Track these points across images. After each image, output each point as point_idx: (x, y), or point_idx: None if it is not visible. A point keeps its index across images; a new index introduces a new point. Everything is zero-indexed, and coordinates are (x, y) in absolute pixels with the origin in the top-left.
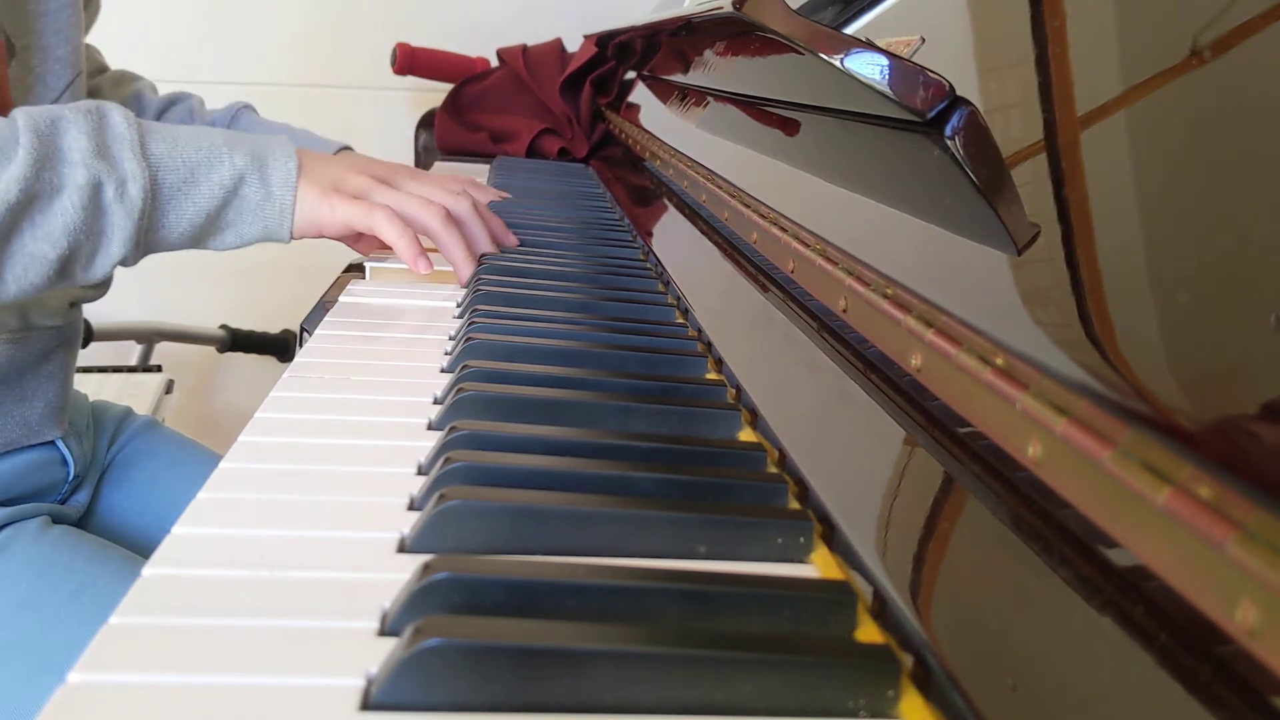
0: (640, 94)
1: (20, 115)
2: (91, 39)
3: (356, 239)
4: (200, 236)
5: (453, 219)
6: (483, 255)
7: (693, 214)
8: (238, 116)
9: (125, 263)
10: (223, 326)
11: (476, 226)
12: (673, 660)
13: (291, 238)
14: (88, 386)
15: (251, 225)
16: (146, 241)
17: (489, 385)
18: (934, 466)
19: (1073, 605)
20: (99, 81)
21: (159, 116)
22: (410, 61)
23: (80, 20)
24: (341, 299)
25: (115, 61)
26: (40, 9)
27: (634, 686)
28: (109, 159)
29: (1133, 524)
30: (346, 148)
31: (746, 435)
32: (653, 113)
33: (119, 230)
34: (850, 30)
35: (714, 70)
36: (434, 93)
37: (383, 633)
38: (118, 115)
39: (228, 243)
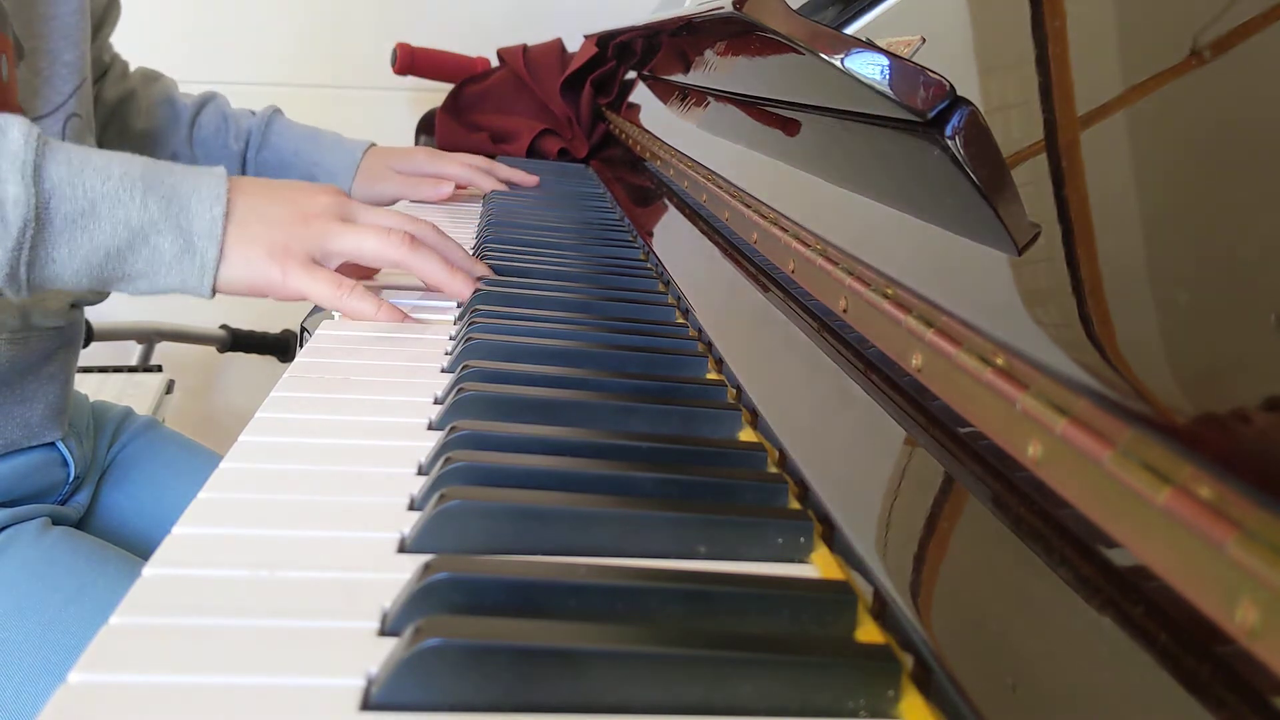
0: (640, 94)
1: None
2: None
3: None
4: (104, 278)
5: (418, 242)
6: (484, 257)
7: (693, 214)
8: (271, 123)
9: (8, 294)
10: (223, 326)
11: (446, 245)
12: (673, 660)
13: (215, 294)
14: (88, 386)
15: (166, 277)
16: (32, 276)
17: (489, 385)
18: (934, 466)
19: (1073, 605)
20: (132, 84)
21: (193, 119)
22: (410, 61)
23: (87, 25)
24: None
25: None
26: (49, 12)
27: (634, 686)
28: None
29: (1133, 524)
30: (374, 145)
31: (747, 435)
32: (653, 113)
33: None
34: (850, 30)
35: (714, 70)
36: (434, 93)
37: (383, 633)
38: (16, 131)
39: (140, 289)
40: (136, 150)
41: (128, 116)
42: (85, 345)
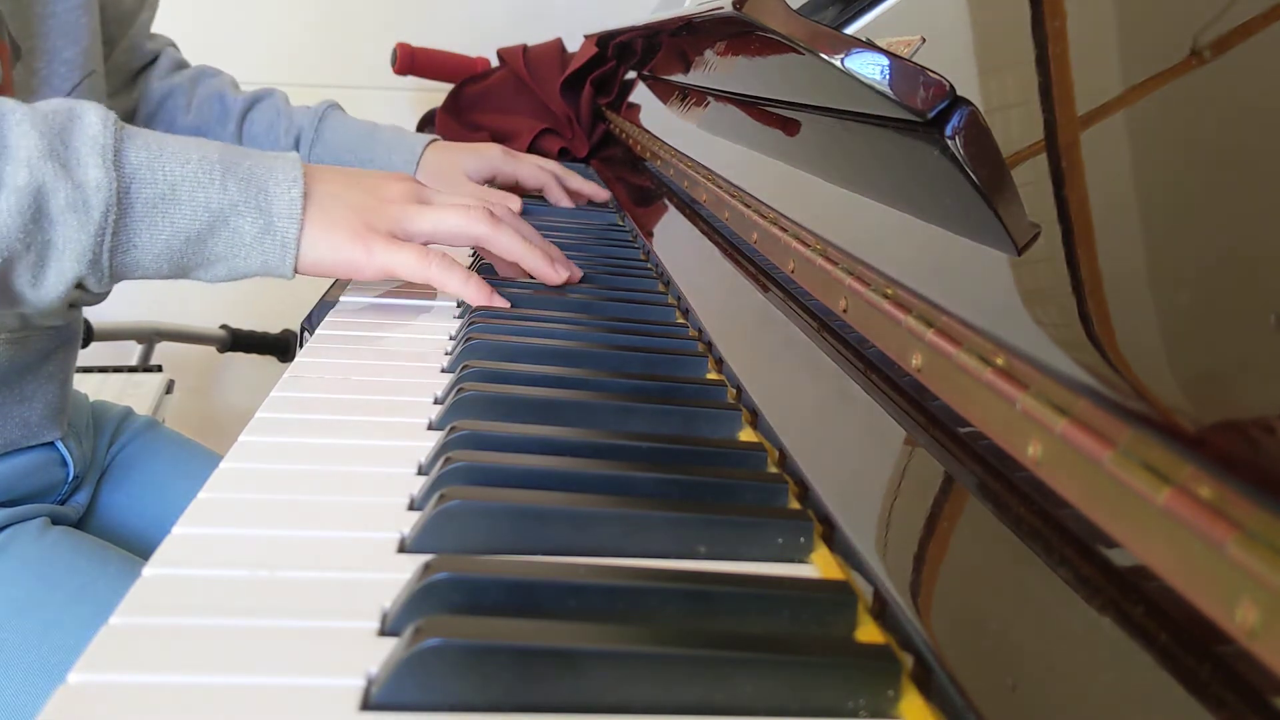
0: (641, 94)
1: None
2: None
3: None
4: (185, 265)
5: (498, 219)
6: (480, 256)
7: (693, 214)
8: (325, 117)
9: (87, 286)
10: (223, 326)
11: (520, 223)
12: (673, 660)
13: (297, 274)
14: (88, 386)
15: (248, 259)
16: (114, 263)
17: (489, 385)
18: (934, 466)
19: (1073, 605)
20: (178, 80)
21: (243, 117)
22: (410, 61)
23: (92, 20)
24: (342, 299)
25: None
26: (46, 11)
27: (634, 686)
28: (65, 163)
29: (1133, 524)
30: (435, 139)
31: (747, 435)
32: (653, 113)
33: (71, 244)
34: (850, 30)
35: (714, 70)
36: (434, 93)
37: (383, 633)
38: (94, 115)
39: (219, 275)
40: None
41: (175, 111)
42: (85, 345)
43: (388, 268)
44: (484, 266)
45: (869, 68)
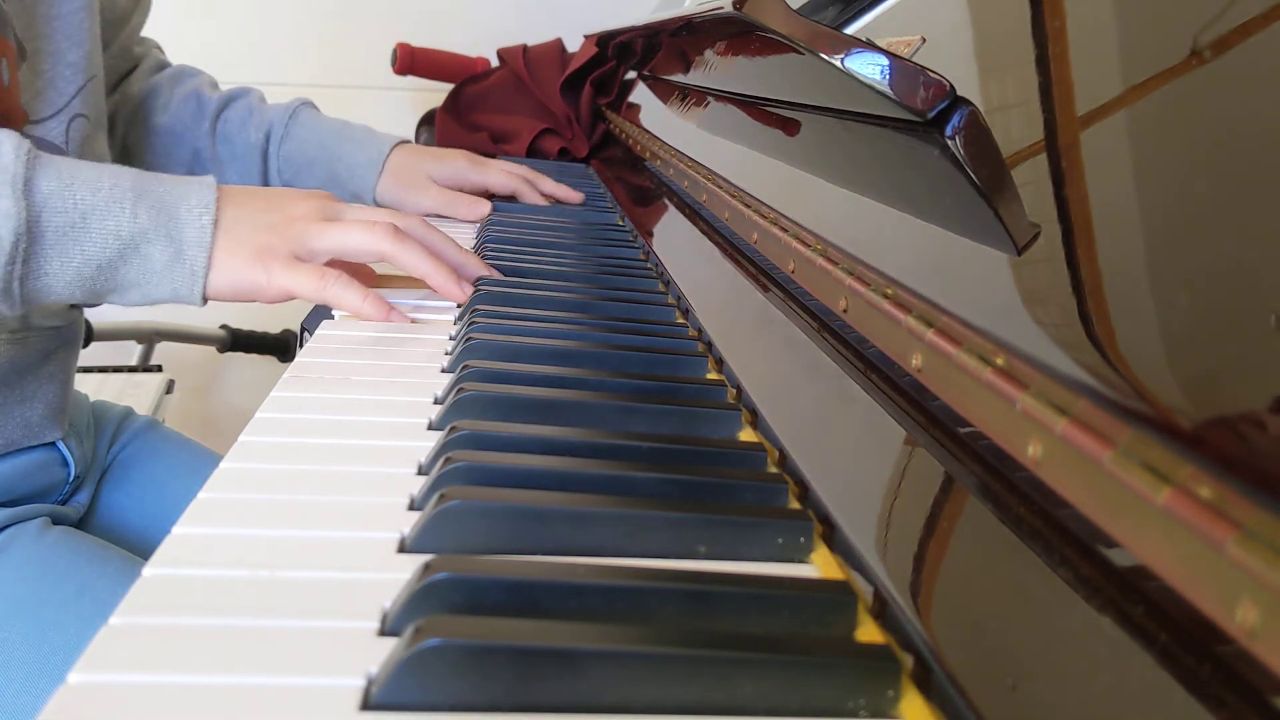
0: (640, 94)
1: None
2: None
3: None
4: (97, 291)
5: (403, 234)
6: (485, 257)
7: (693, 214)
8: (295, 115)
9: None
10: (223, 326)
11: (434, 237)
12: (673, 660)
13: (206, 301)
14: (88, 386)
15: (158, 287)
16: (25, 290)
17: (489, 385)
18: (934, 466)
19: (1073, 605)
20: (158, 80)
21: (217, 115)
22: (410, 61)
23: (94, 23)
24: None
25: None
26: (52, 13)
27: (634, 686)
28: None
29: (1133, 524)
30: (405, 141)
31: (747, 435)
32: (653, 113)
33: None
34: (850, 30)
35: (714, 70)
36: (434, 93)
37: (383, 633)
38: (7, 146)
39: (132, 300)
40: (158, 145)
41: (151, 112)
42: (85, 345)
43: (286, 289)
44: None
45: (869, 68)
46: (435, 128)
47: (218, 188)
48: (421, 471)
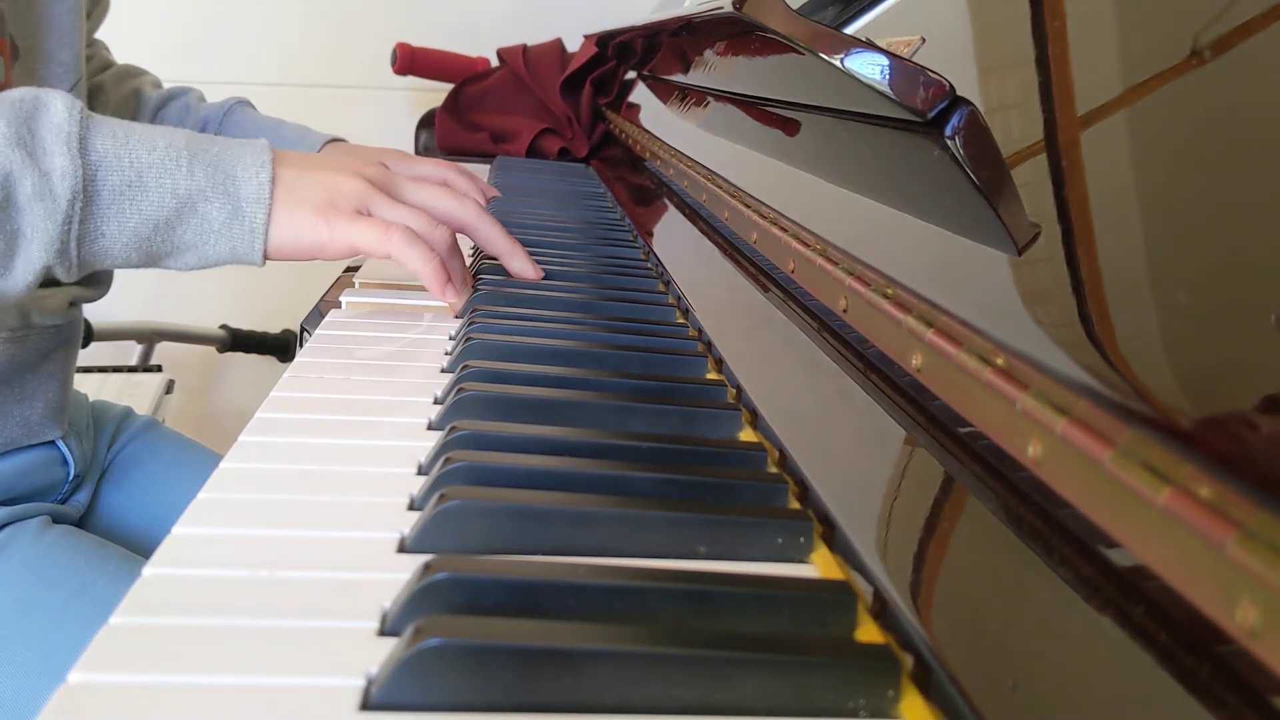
0: (640, 94)
1: None
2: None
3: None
4: (153, 253)
5: (415, 236)
6: (484, 256)
7: (693, 214)
8: (230, 113)
9: (55, 275)
10: (223, 326)
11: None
12: (673, 660)
13: (266, 260)
14: (88, 386)
15: (216, 246)
16: (82, 252)
17: (489, 385)
18: (934, 466)
19: (1073, 605)
20: (102, 79)
21: (155, 113)
22: (410, 61)
23: (82, 25)
24: (342, 299)
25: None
26: (44, 13)
27: (634, 686)
28: (31, 151)
29: (1133, 524)
30: (338, 139)
31: (747, 435)
32: (653, 113)
33: (39, 233)
34: (850, 30)
35: (714, 70)
36: (434, 93)
37: (383, 633)
38: (59, 104)
39: (189, 263)
40: None
41: (94, 109)
42: (85, 345)
43: (350, 242)
44: (484, 267)
45: (869, 68)
46: (435, 128)
47: (271, 149)
48: (421, 471)
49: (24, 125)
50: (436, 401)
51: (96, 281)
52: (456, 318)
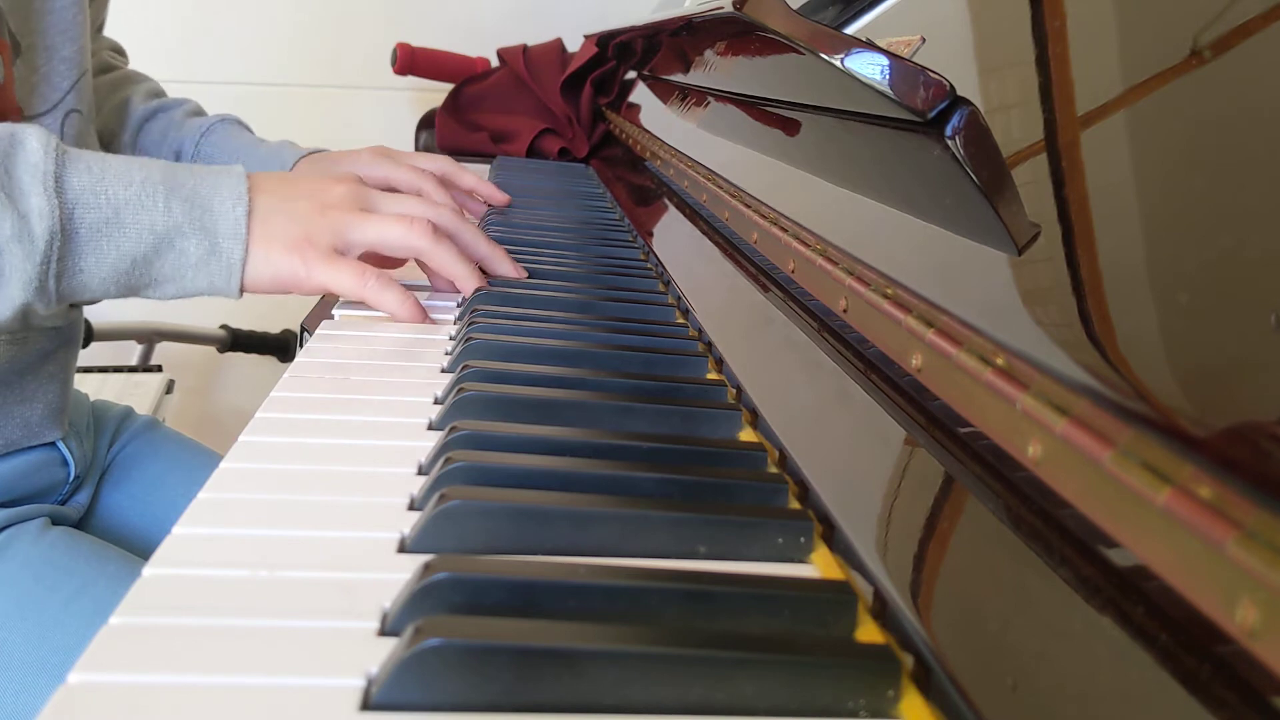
0: (640, 94)
1: None
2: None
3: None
4: (132, 285)
5: (440, 232)
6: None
7: (693, 214)
8: (209, 133)
9: (32, 311)
10: (223, 326)
11: (467, 234)
12: (673, 660)
13: (242, 294)
14: (88, 386)
15: (194, 280)
16: (60, 288)
17: (489, 385)
18: (934, 466)
19: (1073, 605)
20: (97, 84)
21: (139, 127)
22: (410, 61)
23: (85, 20)
24: (342, 299)
25: None
26: (46, 7)
27: (634, 686)
28: (9, 192)
29: (1133, 524)
30: (316, 152)
31: (747, 435)
32: (653, 113)
33: (17, 272)
34: (850, 30)
35: (714, 70)
36: (434, 93)
37: (383, 633)
38: (34, 143)
39: (167, 294)
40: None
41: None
42: (85, 345)
43: (324, 284)
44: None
45: (869, 68)
46: (435, 128)
47: (248, 176)
48: (421, 471)
49: (3, 165)
50: (436, 401)
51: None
52: (455, 322)
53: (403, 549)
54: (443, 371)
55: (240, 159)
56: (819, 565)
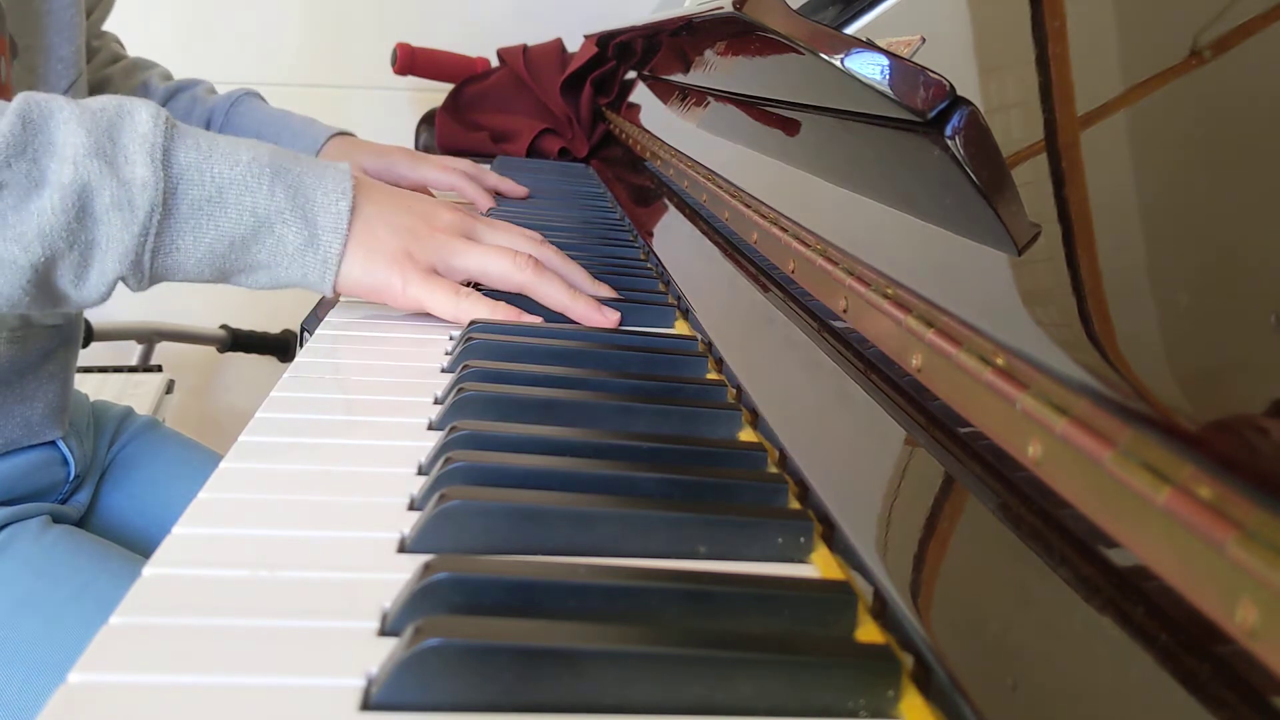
0: (640, 94)
1: (19, 100)
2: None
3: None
4: (226, 269)
5: (542, 267)
6: None
7: (693, 214)
8: (237, 104)
9: (127, 285)
10: (223, 326)
11: (568, 268)
12: (673, 660)
13: (336, 293)
14: (88, 386)
15: (289, 270)
16: (155, 264)
17: (489, 385)
18: (934, 466)
19: (1073, 605)
20: (110, 72)
21: (163, 106)
22: (410, 61)
23: (81, 22)
24: (342, 299)
25: None
26: (44, 8)
27: (634, 686)
28: (111, 160)
29: (1133, 524)
30: (345, 133)
31: (747, 435)
32: (653, 113)
33: (115, 244)
34: (851, 30)
35: (714, 70)
36: (434, 93)
37: (383, 633)
38: (145, 114)
39: (261, 282)
40: None
41: None
42: (85, 345)
43: (420, 301)
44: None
45: (869, 68)
46: (435, 128)
47: (354, 176)
48: (421, 471)
49: (105, 135)
50: (436, 401)
51: (97, 302)
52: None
53: (403, 549)
54: (443, 371)
55: (272, 128)
56: (819, 565)
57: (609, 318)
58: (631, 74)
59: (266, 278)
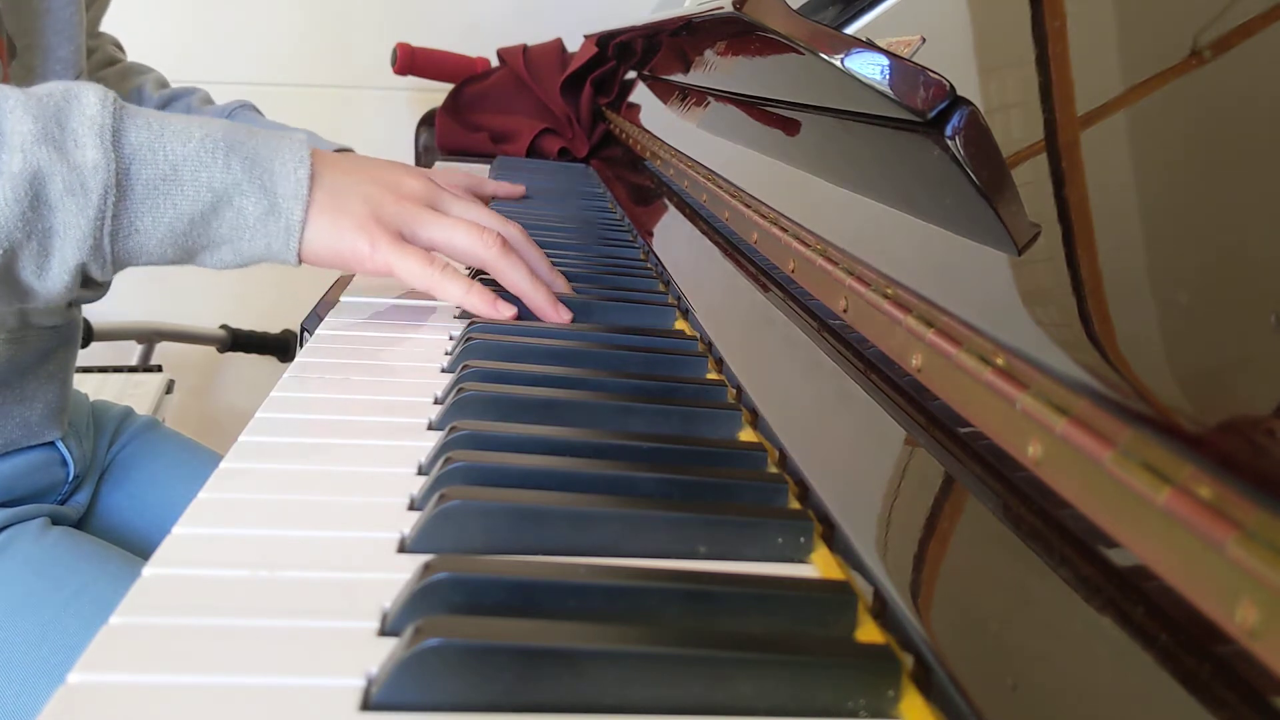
0: (640, 94)
1: None
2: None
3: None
4: (189, 248)
5: (509, 247)
6: None
7: (693, 214)
8: (232, 117)
9: (91, 273)
10: (223, 326)
11: (532, 253)
12: (673, 660)
13: (302, 261)
14: (88, 386)
15: (251, 242)
16: (116, 248)
17: (489, 385)
18: (934, 466)
19: (1073, 605)
20: (105, 74)
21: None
22: (410, 61)
23: (81, 20)
24: (342, 299)
25: None
26: (42, 8)
27: (634, 686)
28: (60, 146)
29: (1133, 524)
30: (345, 150)
31: (747, 435)
32: (653, 112)
33: (72, 229)
34: (851, 30)
35: (714, 70)
36: (434, 93)
37: (383, 633)
38: (92, 96)
39: (225, 260)
40: None
41: None
42: (85, 345)
43: (391, 267)
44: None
45: (869, 68)
46: (435, 128)
47: (310, 147)
48: (421, 471)
49: (53, 120)
50: (436, 401)
51: (95, 282)
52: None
53: (403, 549)
54: (443, 371)
55: (302, 133)
56: (819, 565)
57: (562, 315)
58: (631, 74)
59: (230, 253)
